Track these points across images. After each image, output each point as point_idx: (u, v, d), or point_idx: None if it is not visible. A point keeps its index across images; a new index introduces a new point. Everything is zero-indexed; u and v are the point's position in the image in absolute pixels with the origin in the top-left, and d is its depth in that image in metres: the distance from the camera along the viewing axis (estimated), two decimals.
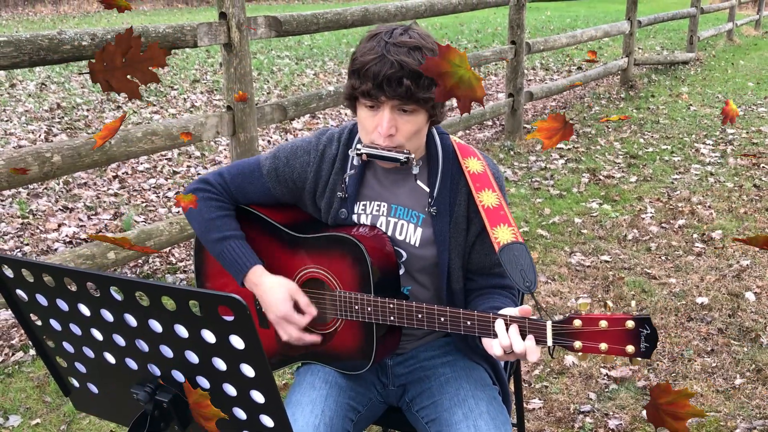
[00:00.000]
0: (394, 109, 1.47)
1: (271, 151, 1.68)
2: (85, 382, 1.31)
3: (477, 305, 1.59)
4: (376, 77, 1.42)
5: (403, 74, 1.42)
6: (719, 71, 10.65)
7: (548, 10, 20.97)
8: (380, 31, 1.49)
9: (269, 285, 1.57)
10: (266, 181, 1.65)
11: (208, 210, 1.63)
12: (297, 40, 13.54)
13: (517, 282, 1.43)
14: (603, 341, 1.32)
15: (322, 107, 4.38)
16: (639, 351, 1.30)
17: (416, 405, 1.65)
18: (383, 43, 1.44)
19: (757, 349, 3.06)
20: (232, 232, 1.62)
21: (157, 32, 3.22)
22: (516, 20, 6.34)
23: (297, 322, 1.57)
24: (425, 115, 1.51)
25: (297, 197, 1.68)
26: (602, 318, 1.31)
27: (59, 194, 5.13)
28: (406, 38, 1.45)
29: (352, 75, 1.49)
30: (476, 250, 1.61)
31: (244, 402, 1.10)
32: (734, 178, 5.47)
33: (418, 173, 1.58)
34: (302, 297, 1.58)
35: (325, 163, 1.63)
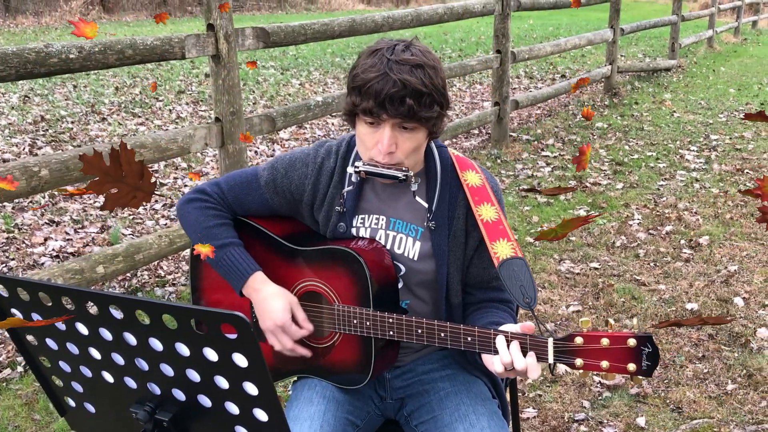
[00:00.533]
0: (395, 127, 1.46)
1: (269, 162, 1.67)
2: (81, 402, 1.29)
3: (476, 319, 1.58)
4: (378, 95, 1.41)
5: (406, 93, 1.41)
6: (701, 78, 10.76)
7: (531, 19, 21.12)
8: (381, 47, 1.47)
9: (270, 292, 1.55)
10: (264, 192, 1.64)
11: (206, 218, 1.61)
12: (282, 50, 13.54)
13: (516, 298, 1.43)
14: (604, 359, 1.31)
15: (311, 117, 4.38)
16: (640, 369, 1.30)
17: (415, 419, 1.64)
18: (385, 60, 1.43)
19: (747, 354, 3.08)
20: (231, 239, 1.60)
21: (145, 45, 3.20)
22: (501, 29, 6.37)
23: (293, 333, 1.55)
24: (425, 132, 1.51)
25: (294, 209, 1.67)
26: (604, 336, 1.31)
27: (45, 208, 5.08)
28: (408, 55, 1.44)
29: (352, 91, 1.48)
30: (474, 263, 1.60)
31: (246, 420, 1.09)
32: (719, 183, 5.52)
33: (416, 190, 1.58)
34: (300, 312, 1.57)
35: (323, 176, 1.62)
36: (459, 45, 14.64)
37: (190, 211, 1.63)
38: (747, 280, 3.80)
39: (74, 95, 9.07)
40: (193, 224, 1.62)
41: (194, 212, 1.62)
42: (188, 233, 1.64)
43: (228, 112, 3.68)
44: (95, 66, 3.03)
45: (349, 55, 13.05)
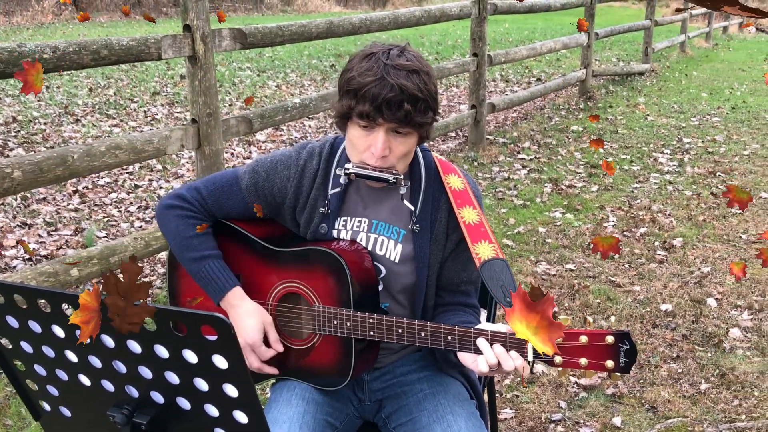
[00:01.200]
0: (389, 131, 1.47)
1: (250, 165, 1.65)
2: (57, 406, 1.27)
3: (444, 320, 1.59)
4: (375, 99, 1.41)
5: (403, 98, 1.41)
6: (674, 82, 10.92)
7: (506, 23, 21.27)
8: (376, 50, 1.48)
9: (246, 310, 1.56)
10: (245, 196, 1.63)
11: (186, 228, 1.60)
12: (258, 51, 13.48)
13: (498, 297, 1.44)
14: (583, 356, 1.33)
15: (288, 119, 4.36)
16: (618, 366, 1.31)
17: (393, 422, 1.64)
18: (382, 64, 1.43)
19: (720, 354, 3.13)
20: (210, 251, 1.59)
21: (120, 45, 3.17)
22: (478, 33, 6.41)
23: (262, 354, 1.57)
24: (417, 137, 1.52)
25: (276, 212, 1.66)
26: (582, 333, 1.32)
27: (17, 210, 5.00)
28: (404, 61, 1.45)
29: (347, 95, 1.47)
30: (447, 266, 1.61)
31: (226, 423, 1.08)
32: (692, 186, 5.60)
33: (404, 193, 1.58)
34: (273, 333, 1.58)
35: (305, 178, 1.61)
36: (436, 48, 14.71)
37: (170, 219, 1.62)
38: (720, 281, 3.86)
39: (47, 96, 8.95)
40: (173, 233, 1.61)
41: (174, 221, 1.61)
42: (168, 240, 1.63)
43: (204, 113, 3.65)
44: (70, 66, 2.99)
45: (326, 57, 13.04)
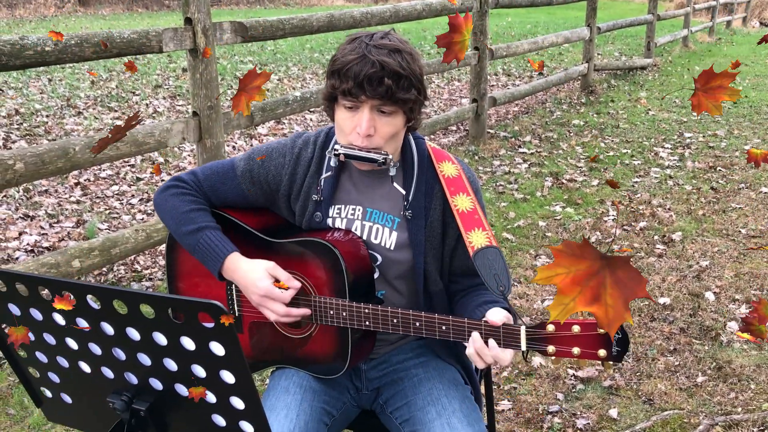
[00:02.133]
0: (373, 110, 1.49)
1: (246, 153, 1.68)
2: (58, 392, 1.29)
3: (465, 304, 1.60)
4: (357, 76, 1.44)
5: (384, 74, 1.44)
6: (676, 76, 10.90)
7: (509, 17, 21.22)
8: (360, 35, 1.51)
9: (246, 268, 1.54)
10: (240, 182, 1.65)
11: (182, 203, 1.61)
12: (260, 45, 13.48)
13: (491, 286, 1.46)
14: (576, 345, 1.35)
15: (289, 113, 4.38)
16: (610, 355, 1.33)
17: (390, 406, 1.66)
18: (364, 44, 1.47)
19: (717, 347, 3.15)
20: (207, 223, 1.60)
21: (122, 38, 3.19)
22: (479, 26, 6.41)
23: (279, 297, 1.52)
24: (403, 117, 1.53)
25: (271, 200, 1.67)
26: (575, 323, 1.34)
27: (19, 202, 5.03)
28: (387, 41, 1.48)
29: (332, 75, 1.50)
30: (458, 254, 1.63)
31: (223, 409, 1.10)
32: (692, 180, 5.61)
33: (394, 175, 1.59)
34: (281, 272, 1.53)
35: (300, 165, 1.63)
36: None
37: (166, 198, 1.63)
38: (718, 275, 3.88)
39: (49, 89, 8.97)
40: (170, 210, 1.62)
41: (171, 199, 1.63)
42: (165, 220, 1.64)
43: (205, 106, 3.67)
44: (71, 59, 3.01)
45: (328, 50, 13.03)
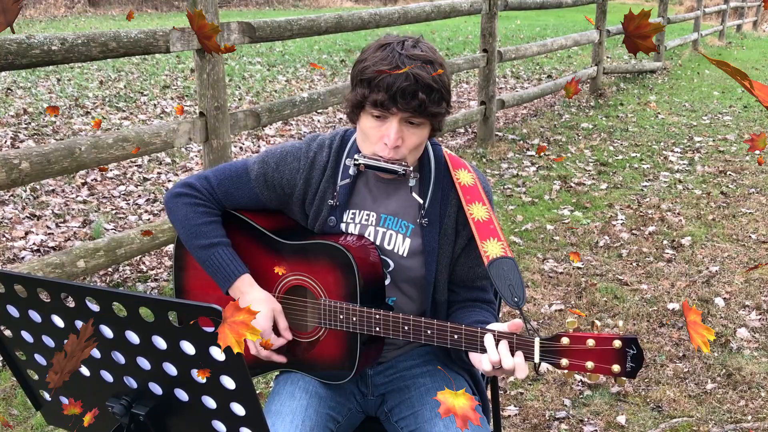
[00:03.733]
0: (402, 121, 1.46)
1: (260, 156, 1.65)
2: (57, 396, 1.28)
3: (459, 318, 1.58)
4: (390, 88, 1.41)
5: (418, 87, 1.41)
6: (686, 80, 10.84)
7: (518, 19, 21.18)
8: (390, 41, 1.47)
9: (255, 298, 1.54)
10: (254, 186, 1.62)
11: (195, 215, 1.59)
12: (269, 46, 13.48)
13: (505, 297, 1.43)
14: (589, 360, 1.31)
15: (296, 114, 4.36)
16: (625, 371, 1.30)
17: (395, 415, 1.63)
18: (396, 54, 1.43)
19: (727, 354, 3.11)
20: (219, 239, 1.58)
21: (129, 37, 3.18)
22: (488, 29, 6.38)
23: (267, 342, 1.56)
24: (429, 128, 1.51)
25: (284, 203, 1.65)
26: (590, 337, 1.31)
27: (26, 201, 5.03)
28: (418, 51, 1.45)
29: (361, 84, 1.46)
30: (461, 262, 1.61)
31: (224, 415, 1.08)
32: (702, 185, 5.56)
33: (413, 185, 1.57)
34: (283, 320, 1.57)
35: (315, 170, 1.61)
36: (446, 44, 14.66)
37: (179, 206, 1.61)
38: (728, 281, 3.83)
39: (58, 88, 8.99)
40: (182, 221, 1.60)
41: (183, 208, 1.61)
42: (176, 228, 1.62)
43: (212, 106, 3.65)
44: (78, 58, 3.00)
45: (336, 52, 13.03)
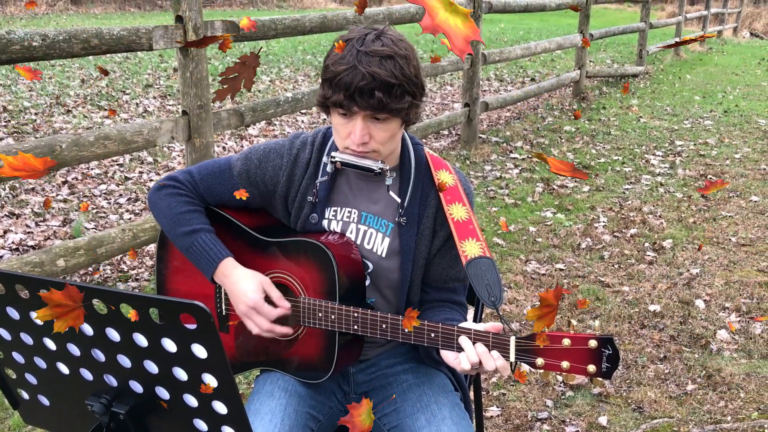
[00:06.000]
0: (366, 118, 1.45)
1: (243, 153, 1.64)
2: (35, 394, 1.26)
3: (429, 317, 1.58)
4: (347, 88, 1.40)
5: (375, 86, 1.39)
6: (667, 84, 10.94)
7: (502, 23, 21.27)
8: (352, 36, 1.45)
9: (240, 276, 1.52)
10: (237, 183, 1.61)
11: (177, 204, 1.58)
12: (252, 45, 13.43)
13: (482, 296, 1.43)
14: (565, 359, 1.32)
15: (280, 114, 4.34)
16: (600, 371, 1.30)
17: (378, 412, 1.63)
18: (355, 51, 1.41)
19: (707, 355, 3.13)
20: (202, 225, 1.57)
21: (111, 34, 3.15)
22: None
23: (267, 313, 1.50)
24: (399, 121, 1.50)
25: (267, 200, 1.64)
26: (566, 336, 1.31)
27: (5, 200, 4.96)
28: (379, 46, 1.42)
29: (324, 83, 1.47)
30: (435, 263, 1.61)
31: (205, 413, 1.07)
32: (683, 188, 5.61)
33: (390, 184, 1.56)
34: (274, 290, 1.52)
35: (298, 167, 1.60)
36: (431, 46, 14.69)
37: (161, 197, 1.60)
38: (708, 283, 3.87)
39: (38, 86, 8.89)
40: (164, 210, 1.59)
41: (166, 199, 1.59)
42: (159, 220, 1.61)
43: (195, 105, 3.63)
44: (59, 55, 2.96)
45: (320, 52, 13.00)
